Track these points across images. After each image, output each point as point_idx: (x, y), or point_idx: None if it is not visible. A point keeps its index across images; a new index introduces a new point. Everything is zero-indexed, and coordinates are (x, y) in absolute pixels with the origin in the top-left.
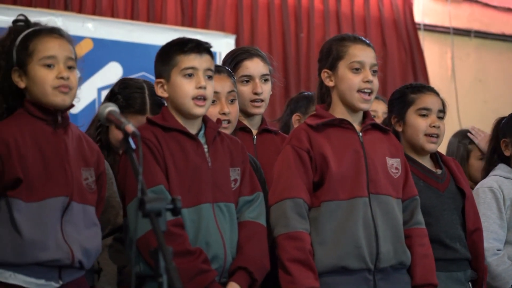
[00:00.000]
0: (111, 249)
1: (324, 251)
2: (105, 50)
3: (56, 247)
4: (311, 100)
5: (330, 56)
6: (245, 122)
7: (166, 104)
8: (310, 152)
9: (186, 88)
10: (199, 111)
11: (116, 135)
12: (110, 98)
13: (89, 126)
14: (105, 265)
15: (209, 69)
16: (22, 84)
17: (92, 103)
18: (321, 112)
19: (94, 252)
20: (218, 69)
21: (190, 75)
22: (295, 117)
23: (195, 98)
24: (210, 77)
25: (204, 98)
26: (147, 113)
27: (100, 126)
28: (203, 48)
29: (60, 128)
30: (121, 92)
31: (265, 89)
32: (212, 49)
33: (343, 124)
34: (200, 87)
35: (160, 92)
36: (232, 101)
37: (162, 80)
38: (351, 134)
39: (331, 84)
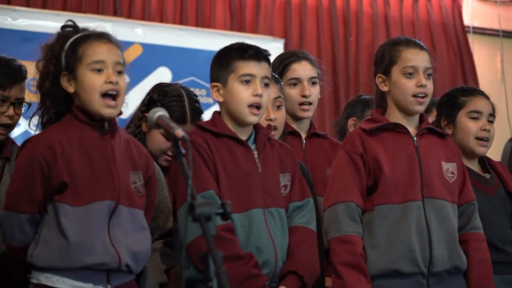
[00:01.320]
0: (159, 252)
1: (376, 255)
2: (154, 55)
3: (102, 250)
4: (367, 104)
5: (384, 61)
6: (294, 126)
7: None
8: (363, 156)
9: (243, 95)
10: (253, 119)
11: (153, 142)
12: (148, 105)
13: (126, 127)
14: (150, 268)
15: (266, 77)
16: (71, 89)
17: None
18: (376, 117)
19: (143, 255)
20: None
21: (247, 82)
22: (350, 122)
23: (251, 105)
24: (266, 85)
25: (259, 107)
26: (187, 122)
27: (138, 133)
28: (262, 55)
29: (107, 133)
30: (160, 100)
31: (313, 92)
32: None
33: (398, 129)
34: (256, 95)
35: (215, 96)
36: (279, 107)
37: (218, 84)
38: (405, 139)
39: (385, 89)
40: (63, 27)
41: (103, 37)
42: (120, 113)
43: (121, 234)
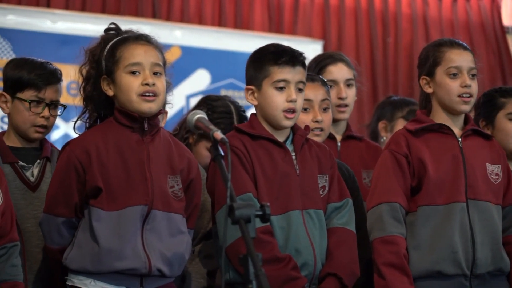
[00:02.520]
0: (200, 255)
1: (419, 256)
2: (193, 57)
3: (133, 256)
4: (396, 106)
5: (427, 62)
6: (330, 129)
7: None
8: (408, 157)
9: (277, 100)
10: (288, 123)
11: (199, 156)
12: None
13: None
14: (193, 270)
15: (301, 82)
16: (110, 92)
17: (181, 110)
18: (421, 117)
19: (178, 260)
20: (311, 78)
21: (281, 88)
22: (381, 125)
23: (285, 110)
24: (300, 90)
25: (293, 111)
26: None
27: (186, 146)
28: (297, 60)
29: (147, 135)
30: (209, 116)
31: (350, 94)
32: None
33: (442, 129)
34: (291, 101)
35: (250, 99)
36: (325, 109)
37: (252, 87)
38: (450, 140)
39: (430, 90)
40: (106, 30)
41: (141, 39)
42: (160, 112)
43: (155, 239)
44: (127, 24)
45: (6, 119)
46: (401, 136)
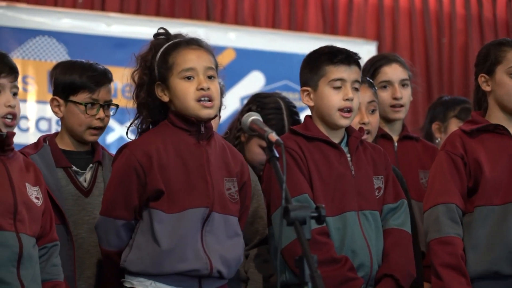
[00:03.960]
0: (257, 259)
1: (476, 256)
2: (248, 59)
3: (194, 257)
4: (448, 106)
5: (488, 61)
6: (386, 129)
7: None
8: (464, 158)
9: (334, 99)
10: (345, 122)
11: (251, 153)
12: None
13: (223, 137)
14: (252, 274)
15: (356, 81)
16: (165, 98)
17: (235, 113)
18: (476, 118)
19: (235, 262)
20: None
21: (338, 87)
22: (434, 126)
23: (342, 110)
24: (356, 89)
25: (350, 110)
26: None
27: (237, 144)
28: (352, 59)
29: (203, 139)
30: (259, 112)
31: (405, 94)
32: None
33: (498, 130)
34: (347, 99)
35: (306, 100)
36: (373, 111)
37: (308, 88)
38: (506, 140)
39: (488, 89)
40: (155, 35)
41: (193, 43)
42: (215, 116)
43: (214, 241)
44: (181, 26)
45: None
46: (457, 137)
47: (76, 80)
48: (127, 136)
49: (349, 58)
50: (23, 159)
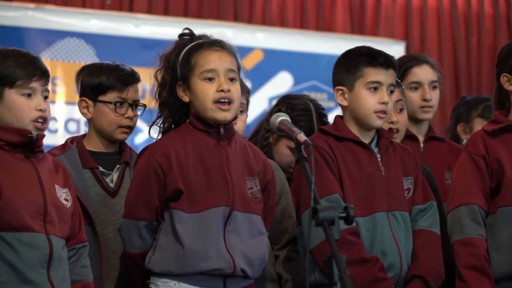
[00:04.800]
0: (293, 262)
1: (500, 257)
2: (275, 60)
3: (217, 256)
4: (471, 106)
5: (509, 60)
6: (413, 130)
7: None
8: (486, 158)
9: (370, 102)
10: (379, 123)
11: (279, 154)
12: None
13: (251, 137)
14: (285, 274)
15: (392, 84)
16: (186, 98)
17: (263, 113)
18: (499, 118)
19: (259, 261)
20: None
21: (375, 89)
22: (459, 128)
23: (377, 112)
24: (392, 92)
25: (384, 112)
26: None
27: (266, 145)
28: (390, 63)
29: (223, 139)
30: (288, 114)
31: (434, 96)
32: None
33: None
34: (383, 103)
35: (340, 100)
36: (401, 110)
37: (343, 88)
38: None
39: (510, 88)
40: (180, 36)
41: (216, 44)
42: (235, 118)
43: (236, 240)
44: (209, 27)
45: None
46: (479, 137)
47: (104, 80)
48: (149, 135)
49: (388, 61)
50: (53, 161)
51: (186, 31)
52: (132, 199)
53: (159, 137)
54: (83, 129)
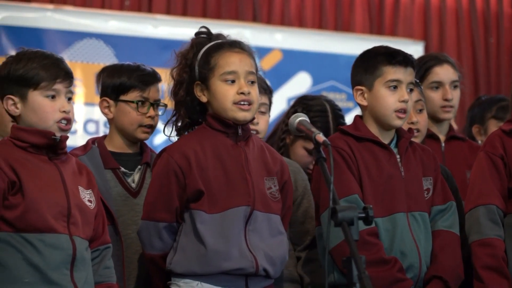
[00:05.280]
0: (314, 264)
1: None
2: (294, 60)
3: (240, 256)
4: (484, 107)
5: None
6: (433, 129)
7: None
8: (504, 158)
9: (390, 100)
10: (399, 123)
11: (296, 156)
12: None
13: (268, 138)
14: (306, 276)
15: (411, 83)
16: (204, 99)
17: (282, 113)
18: None
19: (280, 260)
20: None
21: (394, 88)
22: (474, 129)
23: (397, 111)
24: (411, 90)
25: (405, 111)
26: None
27: (283, 146)
28: (409, 61)
29: (241, 140)
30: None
31: (455, 95)
32: None
33: None
34: (403, 101)
35: (359, 99)
36: (420, 110)
37: (362, 88)
38: None
39: None
40: (197, 34)
41: (236, 46)
42: (253, 119)
43: (257, 239)
44: (228, 28)
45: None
46: (496, 137)
47: (125, 80)
48: (164, 133)
49: (407, 59)
50: (76, 163)
51: (203, 29)
52: (151, 201)
53: (173, 135)
54: (102, 130)
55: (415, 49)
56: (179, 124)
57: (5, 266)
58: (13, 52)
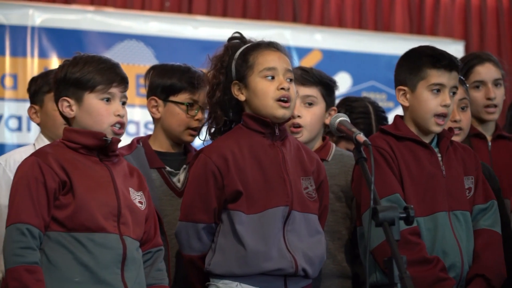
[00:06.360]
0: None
1: None
2: (334, 60)
3: (279, 256)
4: None
5: None
6: (479, 129)
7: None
8: None
9: (431, 104)
10: (438, 129)
11: None
12: None
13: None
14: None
15: (454, 86)
16: (242, 97)
17: None
18: None
19: (318, 259)
20: None
21: (437, 91)
22: None
23: (437, 115)
24: (454, 94)
25: (445, 116)
26: None
27: None
28: (454, 65)
29: (277, 140)
30: (348, 116)
31: (498, 94)
32: None
33: None
34: (445, 105)
35: (401, 100)
36: (463, 108)
37: (405, 88)
38: None
39: None
40: (230, 39)
41: (272, 45)
42: (290, 118)
43: (296, 239)
44: (268, 28)
45: (149, 125)
46: None
47: (176, 81)
48: (198, 136)
49: (452, 63)
50: (128, 165)
51: (236, 34)
52: (189, 202)
53: (207, 137)
54: (143, 131)
55: (455, 49)
56: (214, 127)
57: (56, 265)
58: (54, 55)
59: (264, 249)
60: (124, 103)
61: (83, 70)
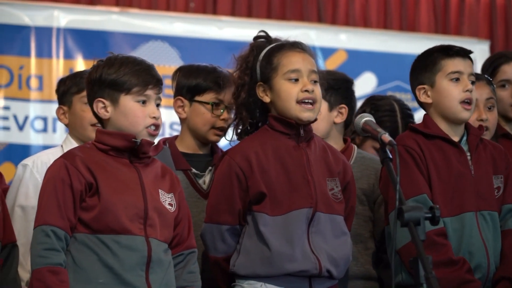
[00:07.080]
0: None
1: None
2: (359, 60)
3: (303, 258)
4: None
5: None
6: (507, 128)
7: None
8: None
9: (454, 92)
10: (467, 115)
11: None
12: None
13: None
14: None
15: (472, 74)
16: (267, 99)
17: None
18: None
19: (343, 261)
20: (476, 76)
21: (456, 79)
22: None
23: (463, 102)
24: (473, 83)
25: (470, 102)
26: None
27: None
28: (465, 51)
29: (302, 141)
30: (373, 115)
31: None
32: None
33: None
34: (467, 90)
35: (423, 98)
36: (490, 108)
37: (425, 86)
38: None
39: None
40: (255, 38)
41: (297, 46)
42: (315, 119)
43: (321, 241)
44: (292, 29)
45: (174, 126)
46: None
47: (201, 81)
48: (225, 137)
49: (463, 50)
50: (162, 166)
51: (262, 33)
52: (214, 204)
53: (233, 139)
54: (167, 132)
55: (481, 48)
56: (240, 127)
57: (81, 266)
58: (79, 56)
59: (289, 250)
60: (158, 105)
61: (119, 72)
